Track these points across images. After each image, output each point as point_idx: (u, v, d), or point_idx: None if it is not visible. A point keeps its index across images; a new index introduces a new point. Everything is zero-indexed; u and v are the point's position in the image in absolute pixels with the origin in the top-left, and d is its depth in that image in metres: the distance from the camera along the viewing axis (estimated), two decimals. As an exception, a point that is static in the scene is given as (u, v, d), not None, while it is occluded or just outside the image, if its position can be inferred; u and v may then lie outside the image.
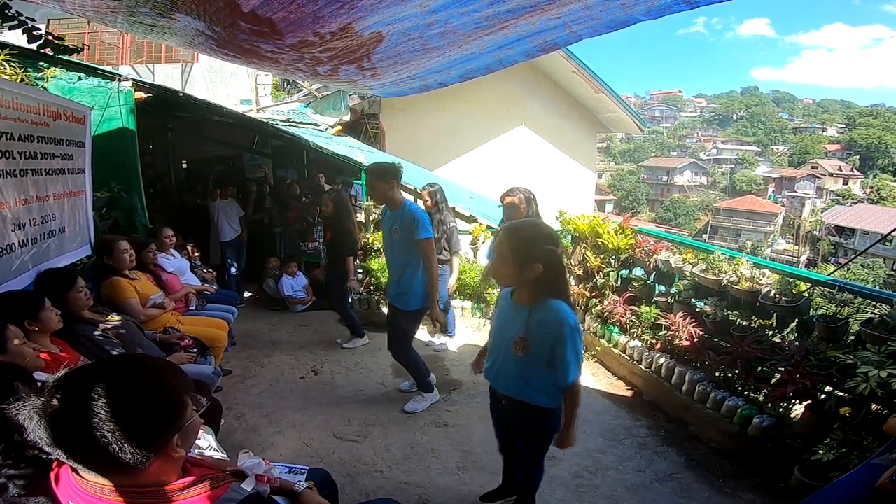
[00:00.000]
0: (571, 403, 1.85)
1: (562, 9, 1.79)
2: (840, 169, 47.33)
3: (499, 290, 2.03)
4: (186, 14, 2.06)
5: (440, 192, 4.12)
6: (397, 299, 3.24)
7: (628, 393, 3.75)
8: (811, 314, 2.87)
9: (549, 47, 2.33)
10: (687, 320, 3.39)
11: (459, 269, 4.47)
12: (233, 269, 5.62)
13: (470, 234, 5.42)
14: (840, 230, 35.50)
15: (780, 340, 2.99)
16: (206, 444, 1.95)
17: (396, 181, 3.14)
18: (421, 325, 4.15)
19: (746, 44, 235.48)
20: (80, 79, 3.78)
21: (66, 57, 3.63)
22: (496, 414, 2.12)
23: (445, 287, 4.10)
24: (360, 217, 5.58)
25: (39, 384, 1.14)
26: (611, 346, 4.15)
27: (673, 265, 3.67)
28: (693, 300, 3.57)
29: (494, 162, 9.65)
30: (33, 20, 3.15)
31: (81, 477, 0.93)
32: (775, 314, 3.01)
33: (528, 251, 1.69)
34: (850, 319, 2.65)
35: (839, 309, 2.72)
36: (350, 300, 4.83)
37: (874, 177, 47.05)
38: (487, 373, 1.99)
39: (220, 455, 1.92)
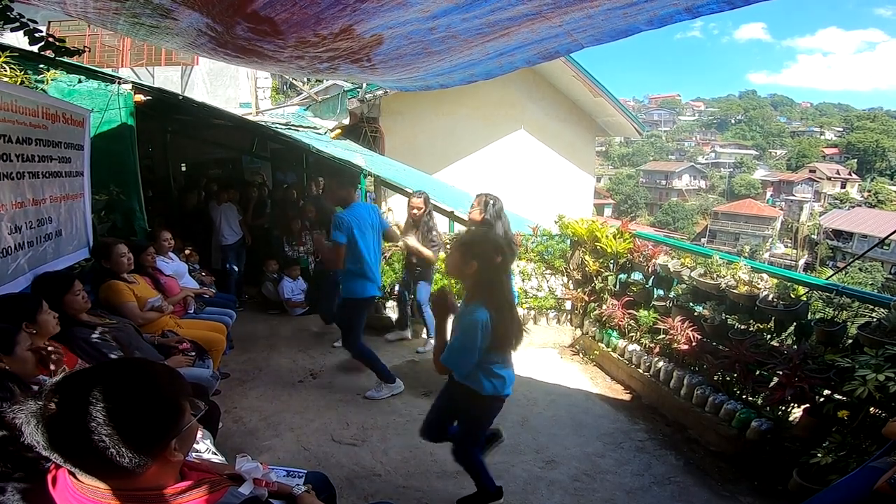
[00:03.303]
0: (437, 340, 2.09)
1: (563, 17, 1.79)
2: (838, 172, 47.44)
3: None
4: (192, 11, 2.06)
5: (429, 201, 4.26)
6: (343, 292, 3.59)
7: (627, 396, 3.75)
8: (809, 318, 2.88)
9: (550, 55, 2.34)
10: (685, 324, 3.40)
11: None
12: (233, 273, 5.61)
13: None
14: (838, 234, 35.57)
15: (778, 344, 3.00)
16: (204, 447, 1.94)
17: (354, 188, 3.60)
18: (409, 337, 4.62)
19: (743, 48, 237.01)
20: (79, 81, 3.79)
21: (66, 59, 3.63)
22: (443, 389, 2.36)
23: (428, 293, 4.27)
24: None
25: (37, 387, 1.13)
26: (609, 349, 4.16)
27: (671, 269, 3.68)
28: (691, 304, 3.58)
29: (493, 165, 9.64)
30: (35, 22, 3.15)
31: (79, 480, 0.93)
32: (773, 318, 3.02)
33: (470, 249, 1.99)
34: (848, 323, 2.67)
35: (837, 313, 2.72)
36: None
37: (872, 180, 47.19)
38: None
39: (217, 458, 1.91)
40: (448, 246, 1.96)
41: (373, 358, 3.58)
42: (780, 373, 2.70)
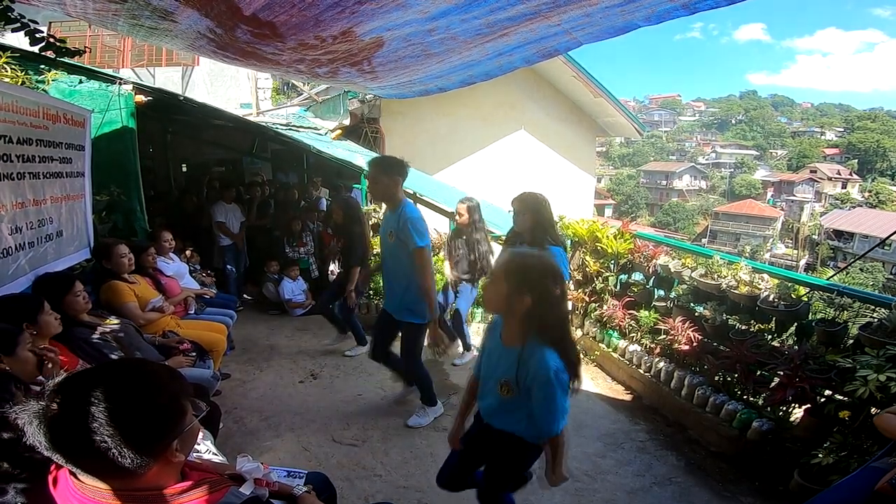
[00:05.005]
0: (556, 450, 1.65)
1: (562, 16, 1.80)
2: (838, 173, 47.37)
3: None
4: (191, 12, 2.06)
5: (478, 210, 3.74)
6: (403, 314, 3.00)
7: (627, 397, 3.75)
8: (810, 318, 2.88)
9: (549, 54, 2.35)
10: (686, 324, 3.40)
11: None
12: (232, 273, 5.61)
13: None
14: (839, 234, 35.51)
15: (779, 344, 3.00)
16: (205, 447, 1.94)
17: (402, 178, 2.89)
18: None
19: (743, 48, 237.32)
20: (80, 82, 3.79)
21: (67, 60, 3.64)
22: (471, 435, 1.90)
23: (468, 305, 4.02)
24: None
25: (38, 388, 1.13)
26: (610, 350, 4.15)
27: (672, 270, 3.67)
28: (692, 304, 3.57)
29: (494, 166, 9.65)
30: (35, 22, 3.15)
31: (80, 481, 0.93)
32: (774, 318, 3.02)
33: (521, 279, 1.54)
34: (849, 323, 2.66)
35: (838, 313, 2.72)
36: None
37: (873, 181, 47.15)
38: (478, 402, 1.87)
39: (218, 459, 1.92)
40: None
41: (427, 381, 3.24)
42: (781, 373, 2.69)
